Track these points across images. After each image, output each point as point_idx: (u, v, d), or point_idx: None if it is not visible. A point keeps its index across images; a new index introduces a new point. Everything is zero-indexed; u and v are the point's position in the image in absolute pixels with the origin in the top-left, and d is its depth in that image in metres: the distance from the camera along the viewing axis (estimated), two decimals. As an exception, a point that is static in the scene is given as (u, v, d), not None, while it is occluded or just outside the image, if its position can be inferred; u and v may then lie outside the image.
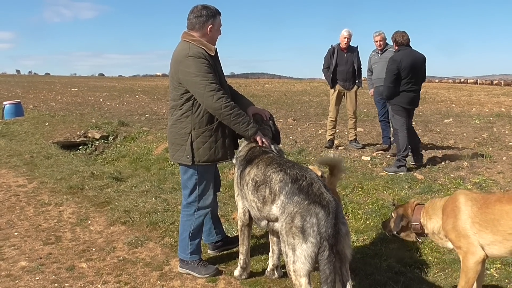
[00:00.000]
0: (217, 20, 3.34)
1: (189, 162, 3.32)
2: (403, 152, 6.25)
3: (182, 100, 3.28)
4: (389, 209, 5.05)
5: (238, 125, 3.23)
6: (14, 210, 5.12)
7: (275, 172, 2.92)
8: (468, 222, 2.84)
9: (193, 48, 3.20)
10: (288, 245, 2.66)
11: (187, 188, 3.45)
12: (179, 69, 3.21)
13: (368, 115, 12.72)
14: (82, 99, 19.40)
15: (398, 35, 6.30)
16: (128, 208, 5.03)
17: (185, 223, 3.51)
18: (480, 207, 2.84)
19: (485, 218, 2.79)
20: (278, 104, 17.75)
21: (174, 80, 3.29)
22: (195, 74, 3.14)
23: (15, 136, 9.87)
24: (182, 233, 3.53)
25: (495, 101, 18.47)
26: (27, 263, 3.74)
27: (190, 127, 3.29)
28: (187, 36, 3.30)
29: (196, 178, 3.40)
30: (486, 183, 5.72)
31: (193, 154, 3.30)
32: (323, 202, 2.64)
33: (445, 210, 3.00)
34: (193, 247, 3.51)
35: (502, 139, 8.73)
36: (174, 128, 3.35)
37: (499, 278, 3.55)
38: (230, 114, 3.18)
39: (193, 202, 3.46)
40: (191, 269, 3.52)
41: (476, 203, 2.87)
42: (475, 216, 2.83)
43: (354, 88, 7.85)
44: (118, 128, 9.75)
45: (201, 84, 3.14)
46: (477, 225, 2.81)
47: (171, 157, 3.49)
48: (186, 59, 3.18)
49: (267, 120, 3.52)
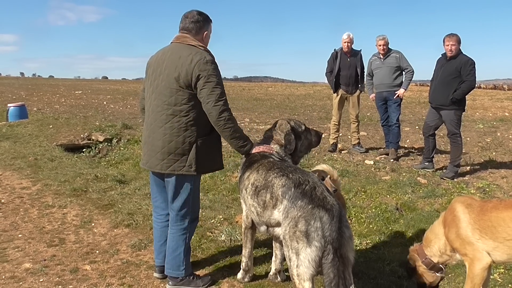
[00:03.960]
0: (210, 27, 3.30)
1: (192, 172, 3.14)
2: (460, 157, 6.28)
3: (188, 106, 3.07)
4: (392, 213, 5.06)
5: (235, 140, 3.14)
6: (18, 212, 5.13)
7: (277, 177, 2.92)
8: (469, 229, 2.84)
9: (205, 53, 3.10)
10: (292, 250, 2.65)
11: (179, 200, 3.23)
12: (193, 72, 3.00)
13: (371, 119, 12.72)
14: (86, 101, 19.46)
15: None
16: (131, 211, 5.04)
17: (179, 238, 3.28)
18: (478, 214, 2.85)
19: (483, 225, 2.80)
20: (281, 108, 17.76)
21: (179, 83, 3.04)
22: (212, 80, 3.01)
23: (19, 138, 9.91)
24: (175, 249, 3.29)
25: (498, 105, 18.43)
26: (31, 265, 3.75)
27: (195, 135, 3.11)
28: (189, 40, 3.16)
29: (191, 188, 3.23)
30: (490, 187, 5.72)
31: (197, 164, 3.14)
32: (327, 206, 2.65)
33: (445, 223, 3.01)
34: (186, 262, 3.34)
35: (505, 144, 8.71)
36: (175, 137, 3.09)
37: (502, 283, 3.55)
38: (230, 128, 3.08)
39: (185, 214, 3.27)
40: (186, 284, 3.35)
41: (473, 210, 2.88)
42: (474, 223, 2.83)
43: (357, 93, 7.86)
44: (121, 131, 9.78)
45: (214, 91, 3.01)
46: (478, 231, 2.81)
47: (165, 169, 3.14)
48: (205, 64, 3.01)
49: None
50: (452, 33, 6.14)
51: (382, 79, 7.41)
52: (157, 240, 3.50)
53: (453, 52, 6.09)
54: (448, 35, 6.13)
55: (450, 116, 6.12)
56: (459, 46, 6.13)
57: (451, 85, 6.06)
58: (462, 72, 6.01)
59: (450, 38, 6.10)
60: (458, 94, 5.99)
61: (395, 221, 4.98)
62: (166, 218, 3.42)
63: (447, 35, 6.15)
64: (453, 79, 6.06)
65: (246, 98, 23.69)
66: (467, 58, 6.08)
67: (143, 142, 3.36)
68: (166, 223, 3.42)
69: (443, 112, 6.18)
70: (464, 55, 6.12)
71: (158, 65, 3.18)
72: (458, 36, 6.11)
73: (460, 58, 6.07)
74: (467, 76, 5.99)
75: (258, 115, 14.05)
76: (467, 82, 6.00)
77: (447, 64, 6.19)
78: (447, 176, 6.14)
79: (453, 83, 6.04)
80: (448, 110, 6.12)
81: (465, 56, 6.11)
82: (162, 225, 3.46)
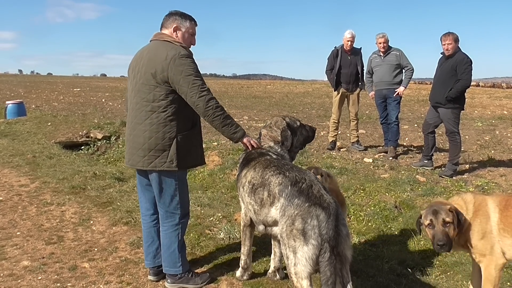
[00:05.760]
0: (191, 26, 3.28)
1: (174, 168, 3.12)
2: (459, 155, 6.25)
3: (167, 101, 3.07)
4: (391, 211, 5.06)
5: (227, 127, 3.15)
6: (17, 209, 5.13)
7: (274, 175, 2.92)
8: (495, 229, 2.82)
9: (180, 48, 3.11)
10: (289, 248, 2.65)
11: (166, 196, 3.23)
12: (169, 68, 3.01)
13: (370, 117, 12.72)
14: (84, 99, 19.44)
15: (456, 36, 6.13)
16: (130, 209, 5.03)
17: (171, 235, 3.28)
18: (503, 211, 2.82)
19: (508, 222, 2.77)
20: (280, 106, 17.75)
21: (156, 79, 3.05)
22: (190, 73, 3.03)
23: (18, 136, 9.90)
24: (170, 246, 3.29)
25: (497, 103, 18.44)
26: (30, 263, 3.74)
27: (175, 131, 3.10)
28: (165, 36, 3.19)
29: (176, 184, 3.21)
30: (488, 185, 5.72)
31: (178, 159, 3.13)
32: (324, 204, 2.65)
33: (475, 215, 2.91)
34: (183, 258, 3.34)
35: (504, 142, 8.72)
36: (155, 133, 3.08)
37: (502, 281, 3.54)
38: (220, 115, 3.09)
39: (174, 210, 3.26)
40: (184, 282, 3.35)
41: (500, 209, 2.84)
42: (500, 222, 2.81)
43: (357, 91, 7.85)
44: (120, 128, 9.76)
45: (195, 83, 3.02)
46: (502, 231, 2.80)
47: (147, 165, 3.14)
48: (179, 58, 3.02)
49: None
50: (448, 32, 6.12)
51: (382, 77, 7.40)
52: (144, 241, 3.51)
53: (450, 51, 6.08)
54: (445, 34, 6.12)
55: (448, 114, 6.11)
56: (457, 44, 6.10)
57: (447, 83, 6.05)
58: (458, 70, 5.98)
59: (446, 37, 6.09)
60: (453, 92, 5.97)
61: (393, 219, 4.99)
62: (151, 218, 3.43)
63: (444, 34, 6.14)
64: (450, 78, 6.04)
65: (245, 96, 23.68)
66: (463, 56, 6.05)
67: (126, 140, 3.37)
68: (152, 223, 3.42)
69: (441, 110, 6.18)
70: (461, 53, 6.09)
71: (137, 64, 3.21)
72: (455, 35, 6.09)
73: (456, 56, 6.05)
74: (462, 75, 5.97)
75: (256, 113, 14.04)
76: (461, 81, 5.97)
77: (445, 63, 6.19)
78: (446, 174, 6.15)
79: (450, 82, 6.03)
80: (445, 109, 6.11)
81: (462, 54, 6.08)
82: (147, 226, 3.45)
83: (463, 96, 6.17)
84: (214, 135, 8.19)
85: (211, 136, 8.43)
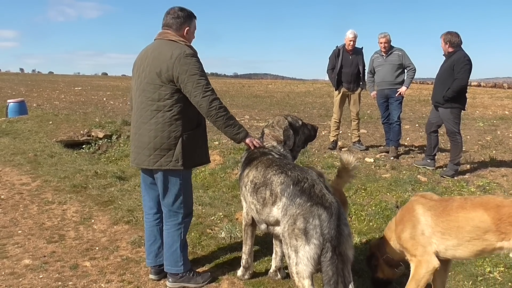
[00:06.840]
0: (193, 23, 3.29)
1: (179, 167, 3.14)
2: (460, 155, 6.24)
3: (172, 100, 3.07)
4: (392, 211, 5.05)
5: (230, 127, 3.16)
6: (18, 208, 5.13)
7: (276, 174, 2.92)
8: (428, 231, 2.82)
9: (185, 47, 3.11)
10: (291, 247, 2.66)
11: (170, 195, 3.23)
12: (174, 67, 3.01)
13: (371, 117, 12.71)
14: (86, 98, 19.43)
15: (454, 35, 6.04)
16: (131, 207, 5.04)
17: (174, 234, 3.29)
18: (440, 215, 2.82)
19: (447, 226, 2.78)
20: (281, 105, 17.74)
21: (160, 78, 3.06)
22: (195, 73, 3.03)
23: (19, 134, 9.90)
24: (172, 245, 3.29)
25: (498, 104, 18.41)
26: (31, 261, 3.75)
27: (180, 130, 3.11)
28: (170, 36, 3.17)
29: (181, 183, 3.22)
30: (490, 186, 5.72)
31: (184, 158, 3.14)
32: (326, 203, 2.65)
33: (401, 221, 2.98)
34: (184, 257, 3.35)
35: (505, 142, 8.71)
36: (160, 132, 3.09)
37: (502, 282, 3.55)
38: (223, 116, 3.10)
39: (178, 209, 3.27)
40: (186, 281, 3.35)
41: (435, 212, 2.85)
42: (436, 225, 2.82)
43: (358, 90, 7.84)
44: (121, 127, 9.77)
45: (200, 83, 3.03)
46: (439, 234, 2.80)
47: (152, 164, 3.15)
48: (184, 57, 3.02)
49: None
50: (447, 32, 6.13)
51: (384, 77, 7.39)
52: (146, 240, 3.51)
53: (444, 51, 6.09)
54: (443, 34, 6.14)
55: (447, 114, 6.09)
56: (448, 45, 6.08)
57: (446, 83, 6.03)
58: (455, 69, 5.95)
59: (440, 38, 6.13)
60: (449, 92, 5.94)
61: (395, 219, 4.97)
62: (154, 217, 3.43)
63: (442, 34, 6.16)
64: (448, 77, 6.02)
65: (246, 95, 23.66)
66: (461, 55, 5.99)
67: (131, 140, 3.37)
68: (154, 222, 3.43)
69: (440, 110, 6.17)
70: (460, 52, 6.03)
71: (142, 63, 3.21)
72: (447, 36, 6.07)
73: (455, 56, 6.01)
74: (458, 74, 5.92)
75: (258, 112, 14.03)
76: (456, 80, 5.91)
77: (445, 62, 6.18)
78: (447, 174, 6.14)
79: (448, 81, 6.00)
80: (444, 108, 6.10)
81: (460, 53, 6.02)
82: (150, 225, 3.46)
83: (462, 95, 6.13)
84: (215, 134, 8.19)
85: (212, 135, 8.42)
